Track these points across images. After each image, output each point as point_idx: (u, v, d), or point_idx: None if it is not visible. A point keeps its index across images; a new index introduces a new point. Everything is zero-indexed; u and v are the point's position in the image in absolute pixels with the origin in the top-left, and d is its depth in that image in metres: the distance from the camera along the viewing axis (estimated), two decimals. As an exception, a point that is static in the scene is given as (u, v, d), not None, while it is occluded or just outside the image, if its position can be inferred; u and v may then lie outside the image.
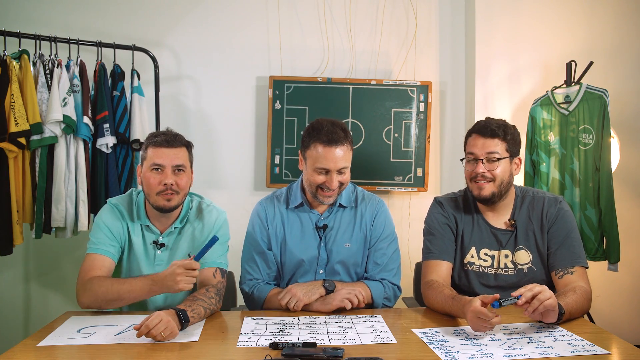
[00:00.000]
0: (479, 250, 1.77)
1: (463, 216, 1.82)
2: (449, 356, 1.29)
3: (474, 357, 1.28)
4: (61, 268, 2.91)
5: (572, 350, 1.33)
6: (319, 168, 1.71)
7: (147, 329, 1.36)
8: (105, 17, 2.88)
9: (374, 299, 1.78)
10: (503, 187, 1.72)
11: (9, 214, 2.29)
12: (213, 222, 1.79)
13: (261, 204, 1.90)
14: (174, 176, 1.68)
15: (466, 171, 1.77)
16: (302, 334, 1.44)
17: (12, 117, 2.24)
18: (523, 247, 1.74)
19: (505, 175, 1.72)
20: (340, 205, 1.85)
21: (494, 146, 1.70)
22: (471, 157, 1.74)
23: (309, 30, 3.00)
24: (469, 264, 1.78)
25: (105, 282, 1.61)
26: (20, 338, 2.20)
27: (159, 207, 1.70)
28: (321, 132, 1.70)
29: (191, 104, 2.98)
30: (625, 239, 2.49)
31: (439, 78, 3.07)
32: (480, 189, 1.71)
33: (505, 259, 1.75)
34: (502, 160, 1.71)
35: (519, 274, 1.73)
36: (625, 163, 2.81)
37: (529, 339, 1.42)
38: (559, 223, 1.74)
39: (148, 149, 1.70)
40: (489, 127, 1.72)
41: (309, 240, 1.83)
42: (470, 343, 1.38)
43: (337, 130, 1.70)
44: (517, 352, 1.32)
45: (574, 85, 2.54)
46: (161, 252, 1.76)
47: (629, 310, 2.97)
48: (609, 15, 2.97)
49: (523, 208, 1.78)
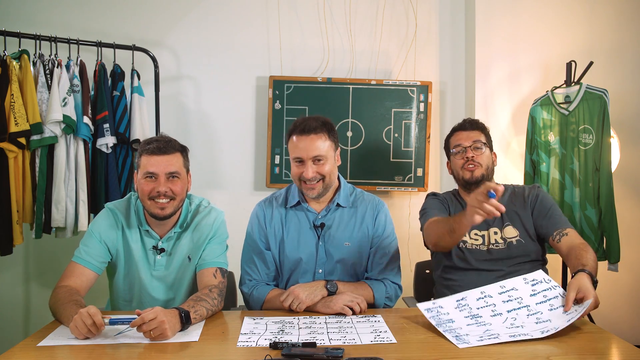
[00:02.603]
0: (470, 232, 1.93)
1: (453, 204, 2.04)
2: (459, 340, 1.39)
3: (482, 340, 1.38)
4: (61, 268, 2.86)
5: (567, 319, 1.44)
6: (294, 158, 1.79)
7: (142, 320, 1.35)
8: (105, 17, 2.88)
9: (376, 299, 1.78)
10: (488, 172, 1.97)
11: (9, 214, 2.29)
12: (211, 223, 1.79)
13: (260, 205, 1.91)
14: (168, 183, 1.67)
15: (456, 162, 2.00)
16: (302, 334, 1.44)
17: (12, 117, 2.24)
18: (509, 223, 1.92)
19: (489, 162, 1.99)
20: (338, 205, 1.86)
21: (477, 135, 1.99)
22: (459, 149, 1.98)
23: (309, 30, 3.00)
24: (463, 242, 1.92)
25: (61, 296, 1.57)
26: (20, 338, 2.20)
27: (154, 215, 1.70)
28: (296, 125, 1.79)
29: (191, 104, 2.98)
30: (625, 239, 2.49)
31: (439, 78, 3.07)
32: (472, 172, 1.95)
33: (495, 235, 1.92)
34: (486, 148, 1.98)
35: (510, 247, 1.89)
36: (625, 163, 2.81)
37: (527, 308, 1.52)
38: (540, 201, 1.95)
39: (142, 156, 1.70)
40: (469, 121, 2.03)
41: (307, 239, 1.83)
42: (476, 323, 1.49)
43: (311, 121, 1.78)
44: (519, 330, 1.43)
45: (574, 85, 2.54)
46: (161, 257, 1.76)
47: (629, 310, 2.97)
48: (609, 15, 2.97)
49: (505, 196, 1.98)
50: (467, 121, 2.04)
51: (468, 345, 1.35)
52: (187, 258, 1.77)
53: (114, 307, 1.83)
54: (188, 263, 1.77)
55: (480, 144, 1.96)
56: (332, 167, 1.80)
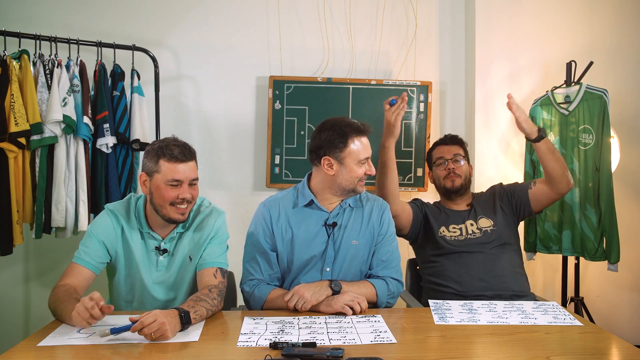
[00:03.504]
0: (448, 226, 2.17)
1: (429, 209, 2.26)
2: (441, 320, 1.57)
3: (462, 322, 1.56)
4: (61, 268, 2.86)
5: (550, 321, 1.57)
6: (359, 161, 1.81)
7: (141, 325, 1.36)
8: (105, 17, 2.88)
9: (379, 297, 1.79)
10: (466, 182, 2.24)
11: (9, 214, 2.29)
12: (213, 223, 1.80)
13: (265, 206, 1.90)
14: (190, 189, 1.70)
15: (438, 173, 2.26)
16: (302, 334, 1.44)
17: (12, 117, 2.24)
18: (482, 216, 2.17)
19: (467, 173, 2.26)
20: (349, 205, 1.89)
21: (457, 149, 2.27)
22: (442, 161, 2.25)
23: (309, 30, 3.00)
24: (442, 237, 2.15)
25: (60, 295, 1.59)
26: (20, 338, 2.20)
27: (172, 220, 1.71)
28: (353, 126, 1.82)
29: (191, 104, 2.98)
30: (625, 239, 2.49)
31: (439, 78, 3.07)
32: (454, 181, 2.21)
33: (471, 226, 2.15)
34: (464, 161, 2.25)
35: (485, 235, 2.12)
36: (625, 163, 2.81)
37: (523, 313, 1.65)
38: (501, 188, 2.28)
39: (161, 161, 1.66)
40: (450, 137, 2.32)
41: (318, 238, 1.84)
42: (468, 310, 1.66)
43: (356, 123, 1.84)
44: (502, 320, 1.58)
45: (574, 85, 2.54)
46: (163, 258, 1.76)
47: (629, 310, 2.97)
48: (609, 15, 2.97)
49: (476, 199, 2.26)
50: (448, 136, 2.32)
51: (444, 323, 1.55)
52: (188, 258, 1.77)
53: (115, 308, 1.83)
54: (189, 263, 1.77)
55: (460, 157, 2.24)
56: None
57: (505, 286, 2.01)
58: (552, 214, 2.56)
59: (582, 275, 2.75)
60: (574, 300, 2.61)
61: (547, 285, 3.00)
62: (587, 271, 2.95)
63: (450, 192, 2.22)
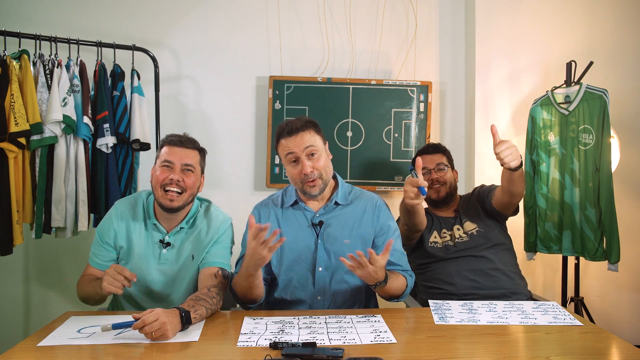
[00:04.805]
0: (440, 232, 2.20)
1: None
2: (442, 320, 1.58)
3: (462, 322, 1.56)
4: (61, 268, 2.91)
5: (550, 321, 1.57)
6: (288, 159, 1.79)
7: (142, 323, 1.37)
8: (105, 17, 2.88)
9: (408, 287, 1.79)
10: (452, 189, 2.26)
11: (9, 214, 2.29)
12: (218, 225, 1.83)
13: (256, 208, 1.93)
14: (181, 174, 1.74)
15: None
16: (302, 334, 1.44)
17: (12, 117, 2.24)
18: (467, 219, 2.21)
19: (452, 180, 2.27)
20: (335, 203, 1.87)
21: (440, 158, 2.27)
22: (425, 171, 2.24)
23: (309, 30, 3.00)
24: (434, 243, 2.18)
25: (85, 280, 1.77)
26: (20, 338, 2.20)
27: (163, 206, 1.74)
28: (282, 128, 1.81)
29: (191, 104, 2.98)
30: (625, 239, 2.49)
31: (439, 78, 3.07)
32: (438, 192, 2.24)
33: (458, 231, 2.19)
34: (448, 169, 2.26)
35: (472, 237, 2.15)
36: (625, 163, 2.81)
37: (523, 313, 1.65)
38: (476, 192, 2.30)
39: (162, 147, 1.78)
40: (432, 146, 2.33)
41: (306, 238, 1.83)
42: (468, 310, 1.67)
43: (295, 122, 1.80)
44: (502, 320, 1.58)
45: (574, 85, 2.54)
46: (167, 251, 1.79)
47: (629, 310, 2.97)
48: (609, 15, 2.97)
49: (461, 204, 2.29)
50: (430, 145, 2.34)
51: (444, 323, 1.55)
52: (190, 256, 1.80)
53: (115, 300, 1.88)
54: (191, 262, 1.79)
55: (443, 166, 2.26)
56: (326, 162, 1.82)
57: (497, 285, 2.03)
58: (553, 214, 2.56)
59: (582, 275, 2.75)
60: (574, 300, 2.61)
61: (547, 285, 3.00)
62: (587, 271, 2.95)
63: (437, 202, 2.26)
